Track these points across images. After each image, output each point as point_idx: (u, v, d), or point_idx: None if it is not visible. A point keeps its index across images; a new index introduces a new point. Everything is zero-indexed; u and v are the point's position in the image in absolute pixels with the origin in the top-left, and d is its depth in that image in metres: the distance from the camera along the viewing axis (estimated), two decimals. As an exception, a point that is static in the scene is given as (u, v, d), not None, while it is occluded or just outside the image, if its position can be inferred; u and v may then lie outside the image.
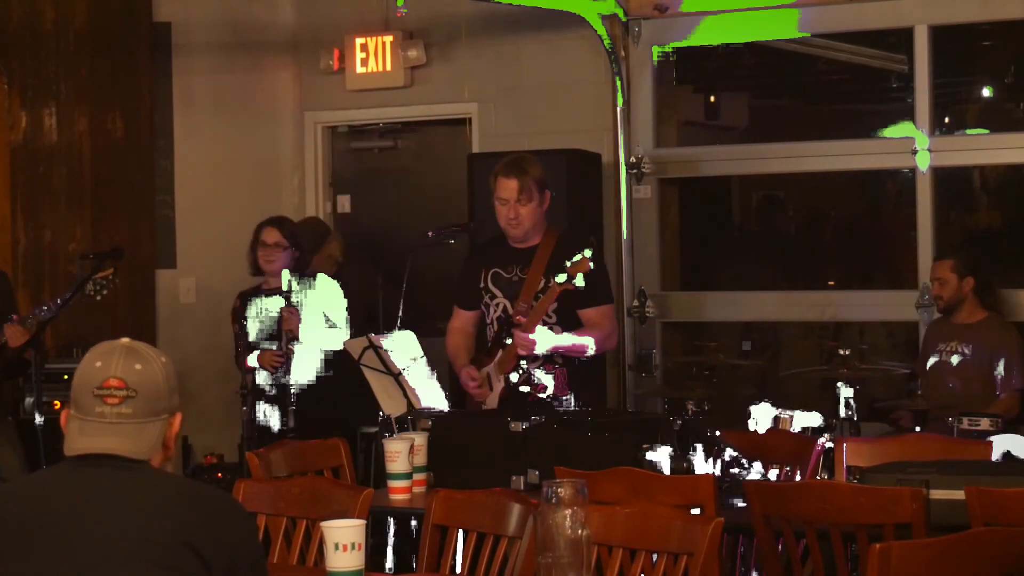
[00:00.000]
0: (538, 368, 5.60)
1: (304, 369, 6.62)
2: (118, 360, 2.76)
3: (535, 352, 5.52)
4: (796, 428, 5.67)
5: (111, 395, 2.73)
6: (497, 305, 5.70)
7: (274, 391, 6.61)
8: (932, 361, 6.62)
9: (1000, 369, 6.44)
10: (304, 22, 8.54)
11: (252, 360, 6.52)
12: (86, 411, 2.73)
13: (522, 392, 5.58)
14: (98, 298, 6.19)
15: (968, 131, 7.48)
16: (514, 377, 5.59)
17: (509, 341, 5.61)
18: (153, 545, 2.62)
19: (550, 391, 5.57)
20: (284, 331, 6.58)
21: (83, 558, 2.63)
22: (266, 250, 6.71)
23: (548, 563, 2.92)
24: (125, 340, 2.82)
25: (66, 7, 7.76)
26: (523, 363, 5.59)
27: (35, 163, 7.71)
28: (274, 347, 6.60)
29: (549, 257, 5.63)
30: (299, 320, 6.54)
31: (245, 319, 6.65)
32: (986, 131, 7.51)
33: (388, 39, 8.16)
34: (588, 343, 5.61)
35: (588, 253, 5.46)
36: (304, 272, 6.75)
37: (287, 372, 6.57)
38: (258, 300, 6.74)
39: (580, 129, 7.74)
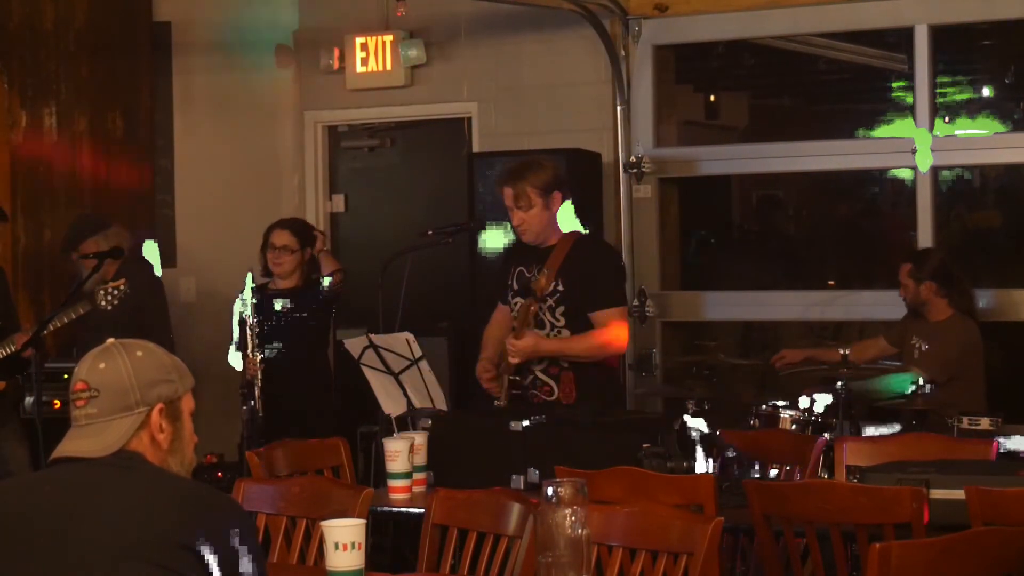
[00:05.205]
0: (541, 371, 5.59)
1: None
2: (87, 362, 2.78)
3: (523, 359, 5.51)
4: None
5: (78, 397, 2.76)
6: (515, 303, 5.70)
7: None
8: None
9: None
10: (304, 22, 8.54)
11: (237, 360, 6.57)
12: (71, 418, 2.77)
13: (526, 393, 5.58)
14: (109, 308, 6.20)
15: (968, 131, 7.48)
16: (518, 378, 5.59)
17: None
18: (149, 545, 2.60)
19: (556, 395, 5.55)
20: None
21: (75, 557, 2.62)
22: (274, 253, 6.78)
23: (548, 563, 2.91)
24: (110, 341, 2.82)
25: (66, 7, 7.76)
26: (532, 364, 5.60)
27: (35, 163, 7.71)
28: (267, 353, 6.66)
29: (563, 259, 5.60)
30: None
31: (252, 316, 6.71)
32: (986, 131, 7.51)
33: (388, 38, 8.16)
34: (581, 348, 5.58)
35: (545, 274, 5.49)
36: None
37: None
38: (264, 300, 6.80)
39: (580, 129, 7.74)
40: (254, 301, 6.54)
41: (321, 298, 6.87)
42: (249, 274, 6.49)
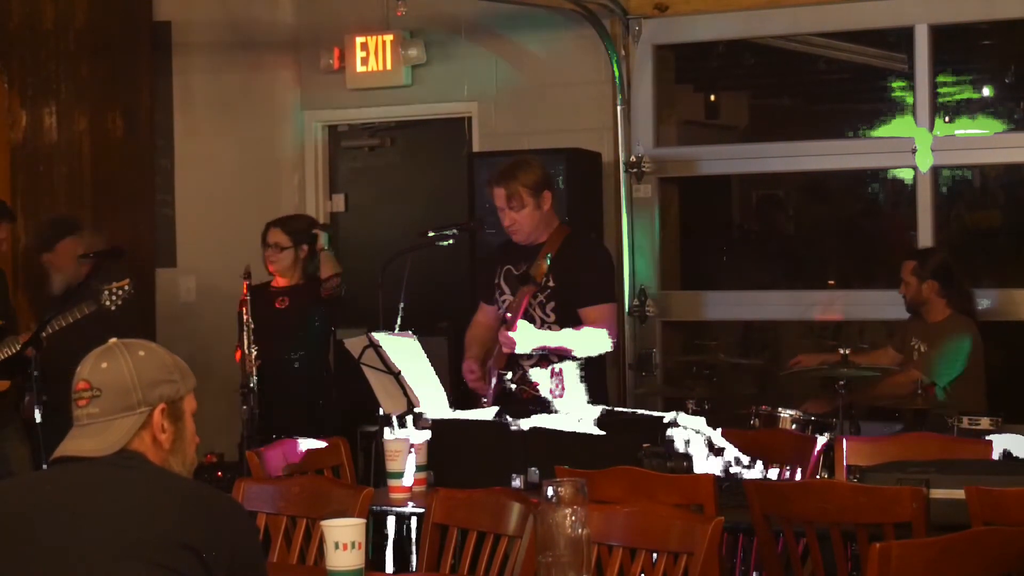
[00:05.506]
0: (532, 367, 5.61)
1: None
2: (89, 362, 2.78)
3: (516, 350, 5.53)
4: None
5: (80, 397, 2.77)
6: (504, 301, 5.72)
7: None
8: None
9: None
10: (304, 21, 8.54)
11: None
12: (73, 417, 2.76)
13: (515, 389, 5.59)
14: (113, 308, 6.18)
15: (968, 131, 7.48)
16: (508, 374, 5.60)
17: None
18: (148, 545, 2.61)
19: (545, 391, 5.56)
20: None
21: (75, 557, 2.62)
22: (268, 250, 6.85)
23: (548, 562, 2.91)
24: (112, 341, 2.82)
25: (66, 7, 7.76)
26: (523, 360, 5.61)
27: (35, 162, 7.71)
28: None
29: (554, 255, 5.63)
30: None
31: (247, 313, 6.71)
32: (986, 131, 7.51)
33: (388, 38, 8.16)
34: (573, 344, 5.59)
35: (548, 260, 5.48)
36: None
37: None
38: (261, 297, 6.81)
39: (580, 128, 7.74)
40: (250, 298, 6.56)
41: (319, 298, 6.88)
42: (245, 270, 6.50)
